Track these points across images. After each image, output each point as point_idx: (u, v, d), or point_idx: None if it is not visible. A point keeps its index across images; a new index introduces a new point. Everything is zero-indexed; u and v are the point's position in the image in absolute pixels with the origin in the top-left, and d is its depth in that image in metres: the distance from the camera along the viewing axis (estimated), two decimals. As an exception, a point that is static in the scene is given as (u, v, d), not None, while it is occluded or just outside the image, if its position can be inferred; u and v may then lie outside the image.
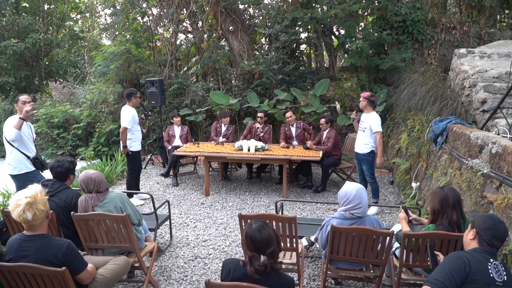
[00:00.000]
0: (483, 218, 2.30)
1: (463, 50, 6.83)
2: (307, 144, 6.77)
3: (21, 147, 4.64)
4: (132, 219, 3.59)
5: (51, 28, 14.20)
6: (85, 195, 3.51)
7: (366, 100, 5.58)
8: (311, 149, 6.66)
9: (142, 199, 6.40)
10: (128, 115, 5.91)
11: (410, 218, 3.48)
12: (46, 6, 13.66)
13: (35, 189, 2.64)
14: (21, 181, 4.69)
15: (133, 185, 6.19)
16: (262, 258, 2.29)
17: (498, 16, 11.06)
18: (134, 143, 6.03)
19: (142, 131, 6.36)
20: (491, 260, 2.16)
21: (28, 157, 4.69)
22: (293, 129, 7.28)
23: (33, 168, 4.72)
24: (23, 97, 4.73)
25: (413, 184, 5.96)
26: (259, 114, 7.48)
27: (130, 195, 6.24)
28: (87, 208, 3.42)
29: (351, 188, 3.22)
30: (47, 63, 13.89)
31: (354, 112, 5.94)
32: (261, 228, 2.33)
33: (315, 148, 6.66)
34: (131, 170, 6.19)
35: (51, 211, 2.78)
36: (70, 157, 3.81)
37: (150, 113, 6.06)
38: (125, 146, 5.94)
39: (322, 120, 6.81)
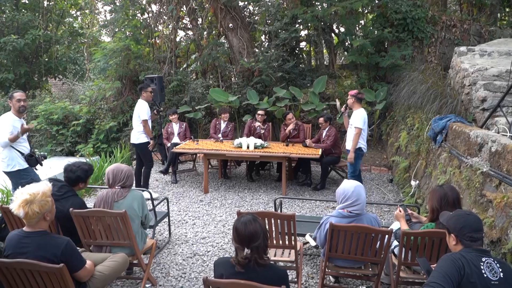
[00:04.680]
0: (453, 220, 2.29)
1: (463, 48, 6.81)
2: (306, 142, 6.76)
3: (15, 144, 4.61)
4: (148, 220, 3.65)
5: (50, 24, 14.15)
6: (106, 189, 3.50)
7: (354, 97, 5.64)
8: (310, 147, 6.65)
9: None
10: (144, 108, 6.17)
11: (408, 213, 3.47)
12: (45, 3, 13.60)
13: (39, 188, 2.60)
14: (14, 178, 4.68)
15: (147, 179, 6.39)
16: (246, 251, 2.28)
17: (499, 14, 11.04)
18: (143, 135, 6.20)
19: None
20: (483, 259, 2.12)
21: (22, 153, 4.66)
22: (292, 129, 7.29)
23: (26, 166, 4.69)
24: (18, 95, 4.66)
25: (412, 182, 5.95)
26: (259, 112, 7.49)
27: (146, 188, 6.29)
28: (106, 203, 3.41)
29: (349, 186, 3.23)
30: (46, 59, 13.85)
31: (343, 106, 6.00)
32: (248, 222, 2.33)
33: (314, 146, 6.66)
34: (150, 162, 6.37)
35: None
36: (88, 164, 3.70)
37: (161, 109, 6.12)
38: (152, 138, 6.27)
39: (321, 119, 6.80)
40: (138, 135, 6.23)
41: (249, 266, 2.26)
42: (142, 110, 6.17)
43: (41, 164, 4.87)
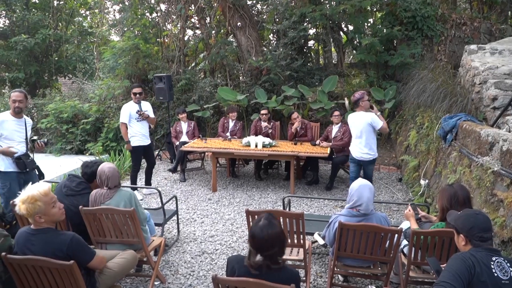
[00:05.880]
0: (462, 220, 2.26)
1: (473, 47, 6.74)
2: (321, 143, 6.69)
3: (6, 145, 4.45)
4: (140, 218, 3.64)
5: (60, 24, 14.28)
6: (96, 190, 3.52)
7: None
8: (326, 146, 6.56)
9: (142, 194, 6.48)
10: (124, 110, 6.08)
11: (419, 216, 3.45)
12: (55, 2, 13.73)
13: (29, 191, 2.60)
14: None
15: (134, 180, 6.31)
16: (258, 257, 2.23)
17: (510, 12, 10.88)
18: (132, 138, 6.11)
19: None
20: (494, 258, 2.10)
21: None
22: (298, 127, 7.26)
23: (8, 170, 4.46)
24: (14, 95, 4.47)
25: (422, 182, 5.91)
26: (263, 112, 7.47)
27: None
28: (95, 204, 3.44)
29: (354, 185, 3.26)
30: (56, 58, 13.98)
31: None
32: (264, 227, 2.24)
33: (332, 144, 6.56)
34: (134, 167, 6.32)
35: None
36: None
37: (144, 111, 5.92)
38: (127, 142, 6.08)
39: (337, 112, 6.70)
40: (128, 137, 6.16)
41: (261, 270, 2.24)
42: (121, 112, 6.09)
43: (32, 169, 4.60)
